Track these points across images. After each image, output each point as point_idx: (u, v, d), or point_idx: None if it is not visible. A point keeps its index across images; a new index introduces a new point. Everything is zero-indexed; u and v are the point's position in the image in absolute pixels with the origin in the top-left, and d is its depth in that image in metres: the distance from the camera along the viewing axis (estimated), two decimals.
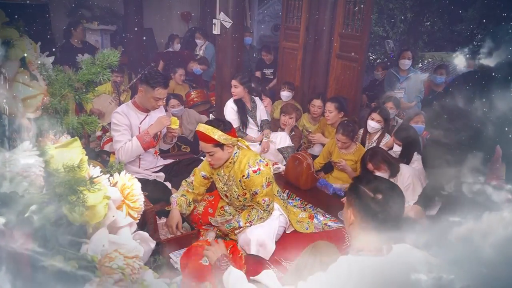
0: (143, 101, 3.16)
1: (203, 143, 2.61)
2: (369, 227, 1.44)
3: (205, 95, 5.54)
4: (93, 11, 6.81)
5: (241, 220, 2.72)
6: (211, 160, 2.66)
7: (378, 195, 1.44)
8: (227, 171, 2.74)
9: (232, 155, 2.68)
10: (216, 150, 2.60)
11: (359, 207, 1.47)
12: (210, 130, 2.54)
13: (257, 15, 8.67)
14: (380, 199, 1.43)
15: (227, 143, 2.58)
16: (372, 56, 8.50)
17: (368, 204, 1.44)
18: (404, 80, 5.24)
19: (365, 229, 1.46)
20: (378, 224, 1.43)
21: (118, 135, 3.11)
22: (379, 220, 1.43)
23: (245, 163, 2.64)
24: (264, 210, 2.71)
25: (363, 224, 1.46)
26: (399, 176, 3.14)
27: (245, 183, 2.66)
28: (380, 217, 1.42)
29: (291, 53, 5.17)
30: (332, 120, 4.10)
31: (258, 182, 2.61)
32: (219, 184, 2.84)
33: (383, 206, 1.42)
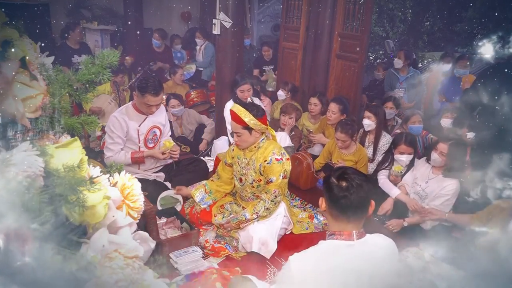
0: (138, 105, 3.16)
1: (234, 123, 2.73)
2: (336, 212, 1.57)
3: (205, 95, 5.54)
4: (93, 11, 6.81)
5: (247, 213, 2.75)
6: (237, 140, 2.78)
7: (342, 182, 1.55)
8: (249, 155, 2.82)
9: (259, 140, 2.78)
10: (244, 132, 2.72)
11: (327, 194, 1.59)
12: (242, 112, 2.67)
13: (257, 15, 8.66)
14: (344, 186, 1.54)
15: (256, 128, 2.70)
16: (372, 56, 8.49)
17: (333, 190, 1.56)
18: (404, 80, 5.25)
19: (333, 214, 1.58)
20: (342, 209, 1.55)
21: (110, 143, 3.13)
22: (342, 205, 1.54)
23: (270, 150, 2.74)
24: (272, 200, 2.74)
25: (331, 210, 1.59)
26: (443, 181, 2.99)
27: (264, 168, 2.73)
28: (343, 202, 1.53)
29: (291, 53, 5.16)
30: (333, 121, 4.10)
31: (277, 170, 2.69)
32: (237, 168, 2.92)
33: (345, 192, 1.53)
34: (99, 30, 6.58)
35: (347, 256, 1.53)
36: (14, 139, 1.22)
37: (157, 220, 2.84)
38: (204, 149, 4.48)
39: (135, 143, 3.22)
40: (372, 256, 1.55)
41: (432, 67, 5.47)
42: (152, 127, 3.27)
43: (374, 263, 1.54)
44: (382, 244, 1.63)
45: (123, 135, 3.13)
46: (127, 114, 3.15)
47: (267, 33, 8.90)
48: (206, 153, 4.44)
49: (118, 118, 3.10)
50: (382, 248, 1.61)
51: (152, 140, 3.30)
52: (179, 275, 2.40)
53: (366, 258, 1.54)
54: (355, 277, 1.49)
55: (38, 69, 1.33)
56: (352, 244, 1.54)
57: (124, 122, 3.11)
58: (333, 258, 1.53)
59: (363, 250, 1.55)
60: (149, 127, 3.24)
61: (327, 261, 1.52)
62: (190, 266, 2.50)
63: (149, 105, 3.08)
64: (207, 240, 2.81)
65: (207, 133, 4.57)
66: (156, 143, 3.35)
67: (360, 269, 1.50)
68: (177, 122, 4.56)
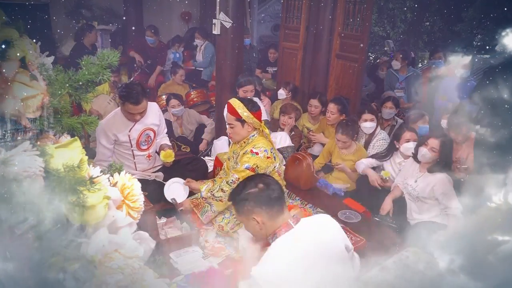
0: (123, 112, 3.10)
1: (228, 115, 2.80)
2: (274, 210, 1.66)
3: (205, 95, 5.54)
4: (93, 11, 6.80)
5: (204, 191, 2.82)
6: (230, 132, 2.84)
7: (260, 185, 1.67)
8: (239, 149, 2.85)
9: (249, 135, 2.81)
10: (237, 124, 2.77)
11: (258, 204, 1.65)
12: (237, 104, 2.75)
13: (257, 15, 8.66)
14: (263, 186, 1.66)
15: (248, 121, 2.75)
16: (372, 56, 8.50)
17: (261, 196, 1.65)
18: (404, 80, 5.25)
19: (273, 215, 1.66)
20: (277, 202, 1.66)
21: (98, 152, 3.14)
22: (275, 199, 1.66)
23: (253, 144, 2.78)
24: (228, 182, 2.74)
25: (269, 212, 1.65)
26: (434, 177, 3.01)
27: (240, 157, 2.78)
28: (275, 196, 1.66)
29: (291, 53, 5.16)
30: (333, 121, 4.10)
31: (246, 160, 2.72)
32: (231, 163, 2.97)
33: (268, 189, 1.66)
34: (99, 30, 6.58)
35: (296, 243, 1.60)
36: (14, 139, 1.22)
37: (157, 220, 2.84)
38: (204, 149, 4.48)
39: (127, 147, 3.19)
40: (316, 232, 1.67)
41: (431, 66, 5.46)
42: (144, 130, 3.22)
43: (320, 236, 1.65)
44: (317, 218, 1.79)
45: (109, 144, 3.11)
46: (114, 122, 3.10)
47: (267, 33, 8.89)
48: (206, 153, 4.44)
49: (105, 128, 3.06)
50: (318, 221, 1.75)
51: (145, 142, 3.27)
52: (179, 275, 2.40)
53: (312, 236, 1.64)
54: (313, 256, 1.57)
55: (38, 69, 1.33)
56: (293, 231, 1.63)
57: (110, 132, 3.07)
58: (288, 253, 1.58)
59: (305, 231, 1.65)
60: (140, 130, 3.19)
61: (285, 258, 1.57)
62: (190, 266, 2.50)
63: (131, 113, 3.02)
64: (207, 240, 2.81)
65: (207, 133, 4.57)
66: (150, 145, 3.31)
67: (313, 247, 1.59)
68: (177, 122, 4.56)
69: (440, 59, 5.19)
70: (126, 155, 3.24)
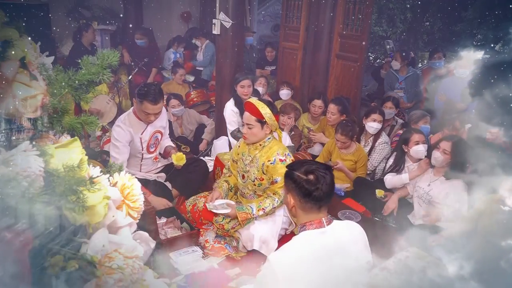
0: (138, 112, 3.10)
1: (248, 114, 2.72)
2: (309, 205, 1.62)
3: (205, 95, 5.54)
4: (93, 11, 6.79)
5: (254, 208, 2.73)
6: (247, 133, 2.76)
7: (310, 176, 1.60)
8: (253, 153, 2.82)
9: (266, 138, 2.79)
10: (256, 125, 2.72)
11: (297, 190, 1.62)
12: (261, 105, 2.70)
13: (257, 15, 8.66)
14: (312, 179, 1.60)
15: (270, 123, 2.71)
16: (372, 56, 8.50)
17: (303, 185, 1.60)
18: (404, 80, 5.25)
19: (306, 208, 1.63)
20: (315, 201, 1.61)
21: (116, 152, 3.04)
22: (315, 197, 1.60)
23: (274, 151, 2.74)
24: (280, 200, 2.73)
25: (303, 204, 1.62)
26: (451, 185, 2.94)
27: (267, 168, 2.73)
28: (316, 194, 1.59)
29: (291, 53, 5.16)
30: (333, 121, 4.10)
31: (281, 171, 2.66)
32: (241, 164, 2.91)
33: (316, 184, 1.59)
34: (99, 30, 6.58)
35: (322, 242, 1.59)
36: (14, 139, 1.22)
37: (157, 220, 2.84)
38: (204, 149, 4.48)
39: (138, 151, 3.19)
40: (345, 239, 1.63)
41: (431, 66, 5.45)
42: (154, 133, 3.23)
43: (347, 244, 1.62)
44: (350, 226, 1.73)
45: (129, 142, 3.09)
46: (130, 124, 3.08)
47: (267, 33, 8.89)
48: (206, 153, 4.44)
49: (123, 128, 3.03)
50: (350, 229, 1.70)
51: (154, 145, 3.28)
52: (179, 275, 2.41)
53: (339, 241, 1.61)
54: (333, 261, 1.55)
55: (38, 69, 1.33)
56: (324, 230, 1.61)
57: (129, 133, 3.05)
58: (310, 247, 1.58)
59: (334, 234, 1.62)
60: (152, 133, 3.20)
61: (306, 252, 1.57)
62: (190, 266, 2.51)
63: (147, 113, 3.00)
64: (207, 240, 2.81)
65: (207, 133, 4.57)
66: (157, 147, 3.33)
67: (336, 252, 1.57)
68: (177, 122, 4.56)
69: (440, 59, 5.19)
70: (134, 158, 3.23)
